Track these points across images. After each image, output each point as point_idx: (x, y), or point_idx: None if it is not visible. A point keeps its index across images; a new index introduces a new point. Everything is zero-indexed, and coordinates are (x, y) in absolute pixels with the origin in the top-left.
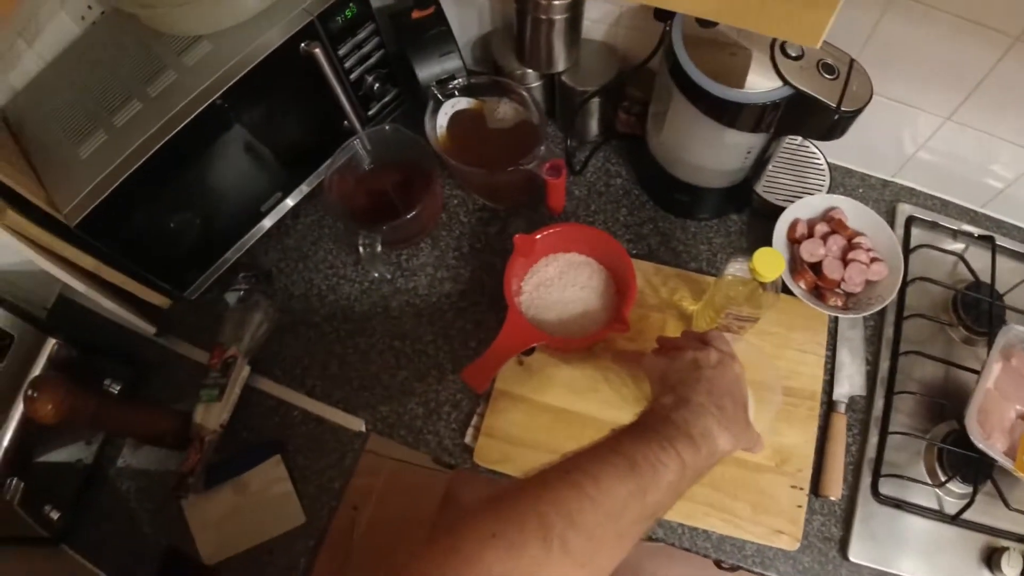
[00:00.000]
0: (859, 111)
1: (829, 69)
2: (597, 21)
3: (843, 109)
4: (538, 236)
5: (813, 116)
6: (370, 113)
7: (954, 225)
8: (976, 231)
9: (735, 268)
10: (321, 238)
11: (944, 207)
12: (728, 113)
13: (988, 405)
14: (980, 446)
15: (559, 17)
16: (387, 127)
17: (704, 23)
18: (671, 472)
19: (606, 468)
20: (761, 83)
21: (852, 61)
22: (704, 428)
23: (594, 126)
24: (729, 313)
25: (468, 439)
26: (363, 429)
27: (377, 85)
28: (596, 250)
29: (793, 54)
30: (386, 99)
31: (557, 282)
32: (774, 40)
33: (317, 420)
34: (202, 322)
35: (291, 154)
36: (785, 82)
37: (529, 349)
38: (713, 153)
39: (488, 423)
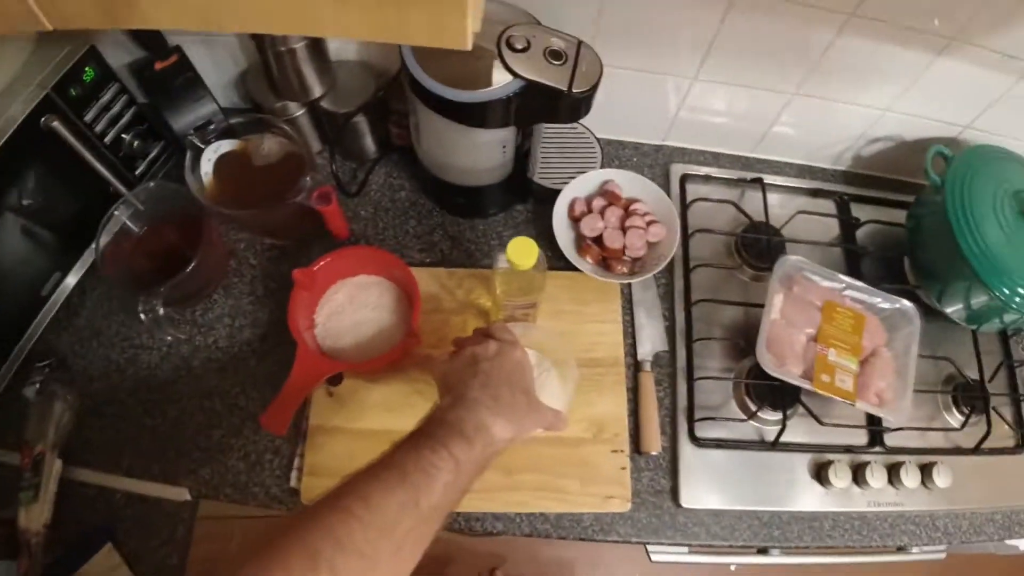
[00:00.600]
0: (592, 89)
1: (557, 55)
2: (346, 41)
3: (574, 91)
4: (316, 267)
5: (550, 102)
6: (138, 172)
7: (725, 174)
8: (748, 175)
9: (502, 261)
10: (112, 311)
11: (716, 159)
12: (468, 115)
13: (777, 334)
14: (775, 374)
15: (298, 45)
16: (151, 184)
17: None
18: (445, 473)
19: (376, 485)
20: (503, 80)
21: (580, 44)
22: (477, 422)
23: (370, 144)
24: (507, 303)
25: (293, 482)
26: (188, 498)
27: (138, 143)
28: (380, 268)
29: (519, 47)
30: (152, 155)
31: (348, 307)
32: (499, 37)
33: (141, 499)
34: (6, 422)
35: (63, 230)
36: (515, 75)
37: (336, 379)
38: (471, 154)
39: (309, 461)
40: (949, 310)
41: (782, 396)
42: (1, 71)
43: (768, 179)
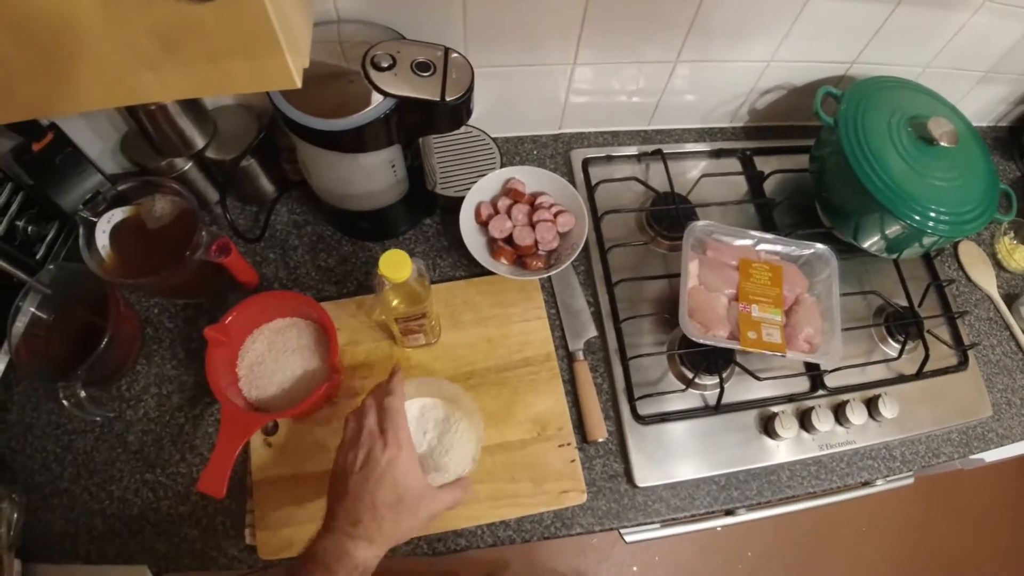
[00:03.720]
0: (466, 94)
1: (424, 67)
2: None
3: (448, 99)
4: (227, 320)
5: (427, 114)
6: (39, 256)
7: (626, 152)
8: (648, 148)
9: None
10: (39, 401)
11: (616, 137)
12: (346, 142)
13: (698, 301)
14: (701, 341)
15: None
16: (52, 267)
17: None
18: None
19: None
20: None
21: (447, 51)
22: (339, 551)
23: (267, 185)
24: (399, 320)
25: (248, 539)
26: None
27: (32, 227)
28: (293, 309)
29: (385, 65)
30: (49, 236)
31: (268, 355)
32: (363, 59)
33: None
34: None
35: None
36: (384, 94)
37: (272, 427)
38: (361, 179)
39: (259, 516)
40: (866, 245)
41: (715, 360)
42: None
43: (668, 149)
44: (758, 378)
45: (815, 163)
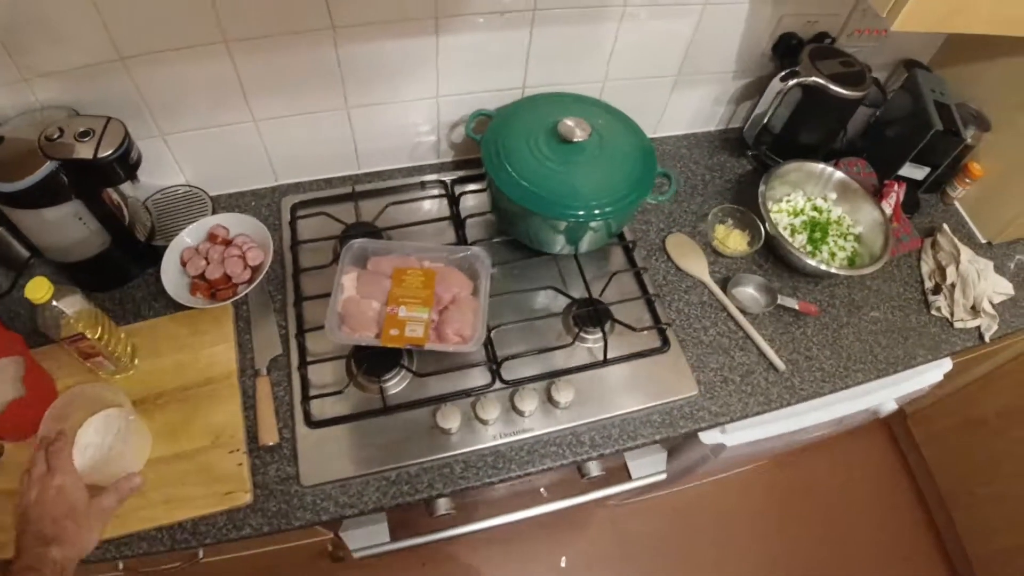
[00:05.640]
0: (116, 151)
1: (85, 134)
2: None
3: (99, 156)
4: None
5: (89, 170)
6: None
7: (328, 194)
8: (345, 190)
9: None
10: None
11: (329, 183)
12: (25, 199)
13: (351, 309)
14: (345, 341)
15: None
16: None
17: None
18: None
19: None
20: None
21: (108, 120)
22: (41, 561)
23: (21, 251)
24: (65, 341)
25: None
26: None
27: None
28: (6, 349)
29: (55, 136)
30: None
31: None
32: (39, 134)
33: None
34: None
35: None
36: (49, 158)
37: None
38: (55, 231)
39: None
40: (541, 243)
41: (381, 361)
42: None
43: (360, 187)
44: (418, 375)
45: (486, 181)
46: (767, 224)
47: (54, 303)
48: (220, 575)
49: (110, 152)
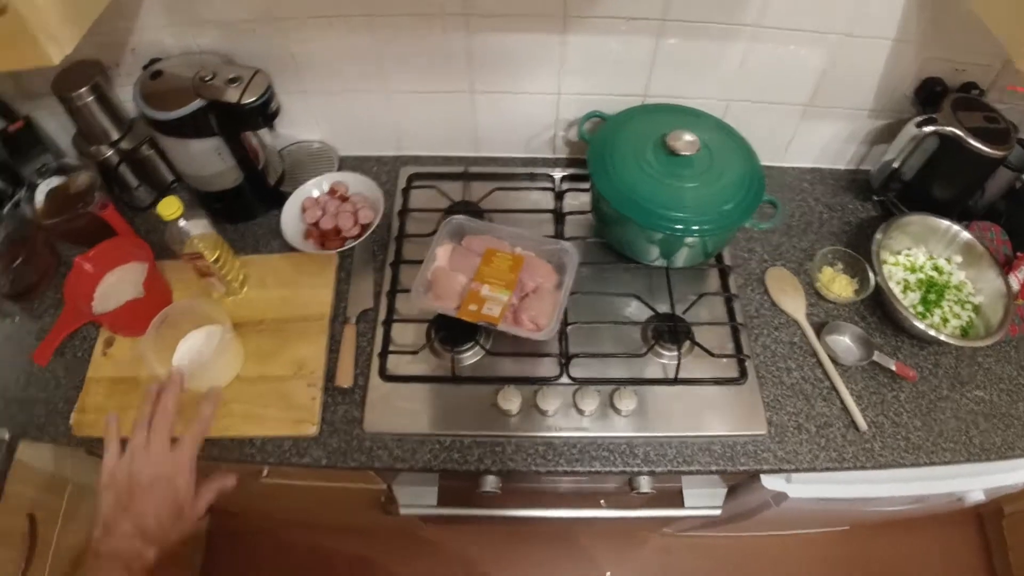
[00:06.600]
0: (258, 100)
1: (234, 80)
2: None
3: (243, 103)
4: (91, 253)
5: (233, 113)
6: (5, 209)
7: (444, 170)
8: (457, 169)
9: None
10: None
11: (447, 161)
12: (173, 129)
13: (440, 278)
14: (425, 306)
15: (89, 99)
16: (3, 211)
17: (155, 75)
18: None
19: None
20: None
21: (256, 72)
22: (133, 553)
23: (166, 173)
24: (186, 256)
25: (71, 421)
26: (7, 436)
27: (3, 185)
28: (139, 256)
29: (207, 77)
30: (15, 196)
31: (117, 284)
32: (195, 74)
33: None
34: None
35: None
36: (199, 96)
37: (111, 340)
38: (196, 162)
39: (81, 402)
40: (634, 252)
41: (457, 334)
42: None
43: (473, 169)
44: (489, 352)
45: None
46: (878, 275)
47: (181, 222)
48: (282, 500)
49: (253, 99)
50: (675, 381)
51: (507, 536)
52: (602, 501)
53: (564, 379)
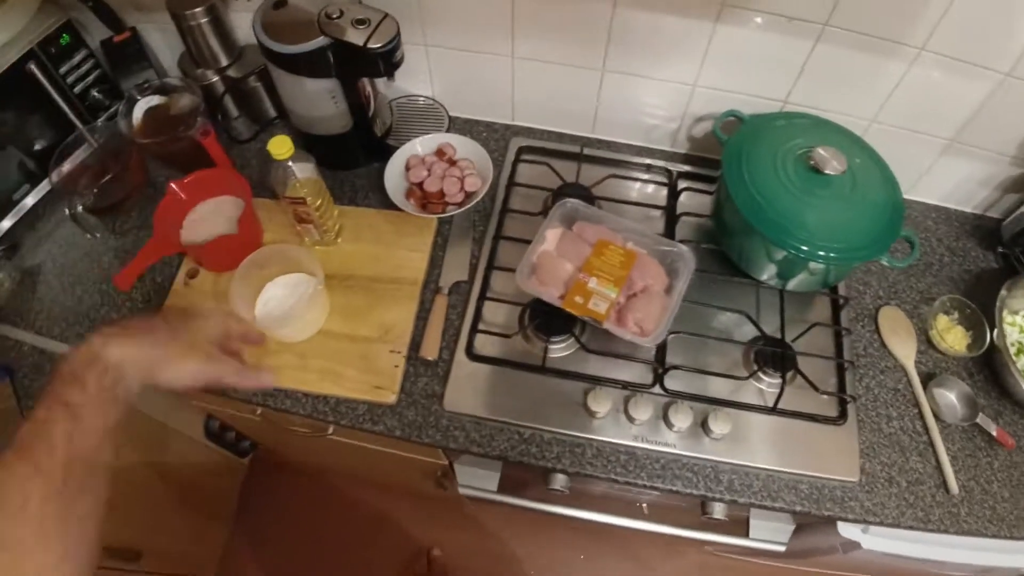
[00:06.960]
0: (385, 46)
1: (362, 22)
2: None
3: (369, 46)
4: (186, 180)
5: (355, 55)
6: (100, 121)
7: (555, 147)
8: (571, 148)
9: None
10: (61, 219)
11: (560, 138)
12: (290, 64)
13: (545, 263)
14: (528, 290)
15: (203, 20)
16: (98, 123)
17: (278, 5)
18: (60, 424)
19: None
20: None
21: (385, 15)
22: (90, 355)
23: (269, 108)
24: (287, 199)
25: None
26: None
27: (101, 96)
28: (235, 189)
29: (334, 15)
30: (112, 108)
31: (208, 216)
32: (320, 10)
33: (40, 351)
34: None
35: (35, 155)
36: (324, 33)
37: (193, 272)
38: (307, 101)
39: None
40: (753, 267)
41: (553, 322)
42: (6, 32)
43: (588, 150)
44: (587, 349)
45: (718, 183)
46: (995, 333)
47: (290, 163)
48: (337, 455)
49: (379, 45)
50: (773, 410)
51: (547, 521)
52: (644, 507)
53: (656, 389)
